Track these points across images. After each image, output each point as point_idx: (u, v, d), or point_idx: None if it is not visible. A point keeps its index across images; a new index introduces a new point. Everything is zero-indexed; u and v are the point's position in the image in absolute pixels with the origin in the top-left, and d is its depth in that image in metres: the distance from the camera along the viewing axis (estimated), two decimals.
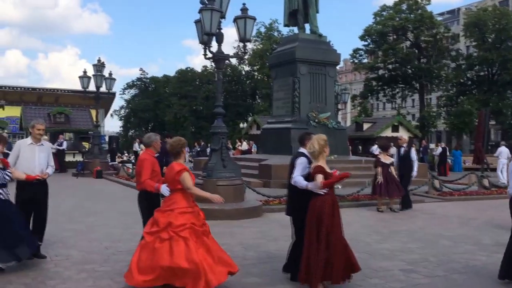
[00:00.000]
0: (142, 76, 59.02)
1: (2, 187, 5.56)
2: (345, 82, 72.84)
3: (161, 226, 4.66)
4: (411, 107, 57.70)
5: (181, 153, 4.98)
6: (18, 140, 20.67)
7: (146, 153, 5.68)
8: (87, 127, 25.28)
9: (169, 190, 5.01)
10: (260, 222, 9.08)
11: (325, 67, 17.58)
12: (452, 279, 5.48)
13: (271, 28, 48.99)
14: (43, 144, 6.19)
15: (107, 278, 5.32)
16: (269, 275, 5.52)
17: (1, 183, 5.56)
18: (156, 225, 4.72)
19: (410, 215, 10.30)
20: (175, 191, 4.84)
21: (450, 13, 69.38)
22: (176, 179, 4.77)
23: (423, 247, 7.06)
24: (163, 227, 4.65)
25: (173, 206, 4.74)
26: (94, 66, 20.59)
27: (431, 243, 7.39)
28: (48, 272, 5.53)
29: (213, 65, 12.91)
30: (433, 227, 8.85)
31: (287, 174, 5.40)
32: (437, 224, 9.13)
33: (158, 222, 4.70)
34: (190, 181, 4.80)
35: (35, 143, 6.06)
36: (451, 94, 45.20)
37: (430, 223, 9.26)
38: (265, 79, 47.05)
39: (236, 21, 10.43)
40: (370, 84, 46.76)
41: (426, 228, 8.69)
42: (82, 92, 21.45)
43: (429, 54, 43.09)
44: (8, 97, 32.77)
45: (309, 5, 17.97)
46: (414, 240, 7.60)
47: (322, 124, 16.94)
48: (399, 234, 8.18)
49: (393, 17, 42.23)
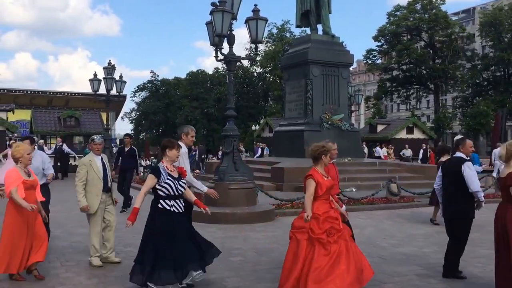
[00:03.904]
0: (153, 78, 59.30)
1: (177, 198, 4.91)
2: (359, 83, 72.40)
3: (314, 231, 4.64)
4: (425, 108, 57.04)
5: (320, 158, 4.89)
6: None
7: None
8: (97, 130, 25.29)
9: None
10: (273, 226, 8.95)
11: (338, 68, 17.38)
12: (468, 283, 5.36)
13: (283, 29, 48.86)
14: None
15: (118, 283, 5.30)
16: None
17: (177, 194, 4.92)
18: (306, 230, 4.71)
19: (426, 219, 10.05)
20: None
21: (465, 13, 68.55)
22: (304, 184, 4.79)
23: (440, 252, 6.85)
24: (318, 233, 4.61)
25: (315, 211, 4.73)
26: (105, 69, 20.67)
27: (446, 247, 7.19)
28: (59, 277, 5.49)
29: (225, 67, 12.82)
30: None
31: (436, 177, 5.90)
32: None
33: (309, 227, 4.69)
34: (311, 188, 4.75)
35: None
36: (467, 95, 44.64)
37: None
38: (277, 81, 46.92)
39: (248, 22, 10.32)
40: (384, 85, 46.41)
41: (442, 232, 8.44)
42: (92, 95, 21.56)
43: (444, 54, 42.61)
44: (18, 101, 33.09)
45: (321, 6, 17.80)
46: (430, 244, 7.45)
47: (335, 126, 16.75)
48: (415, 238, 8.02)
49: (407, 17, 41.85)
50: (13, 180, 5.25)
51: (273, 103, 50.68)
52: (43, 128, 23.67)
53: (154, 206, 4.86)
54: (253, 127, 44.86)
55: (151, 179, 4.83)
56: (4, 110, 21.98)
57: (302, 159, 15.93)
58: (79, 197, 5.91)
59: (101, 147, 6.21)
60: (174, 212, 4.81)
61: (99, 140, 6.17)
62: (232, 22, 10.08)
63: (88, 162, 6.00)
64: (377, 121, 33.45)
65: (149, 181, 4.84)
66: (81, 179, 5.92)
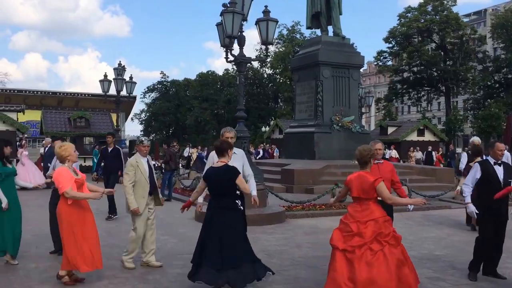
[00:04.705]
0: (163, 79, 59.52)
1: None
2: (369, 85, 72.09)
3: (368, 238, 4.46)
4: (437, 110, 56.63)
5: (369, 162, 4.85)
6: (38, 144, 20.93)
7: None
8: (107, 131, 25.39)
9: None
10: (283, 228, 8.88)
11: (349, 70, 17.28)
12: (479, 287, 5.31)
13: (294, 30, 48.85)
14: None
15: (128, 284, 5.33)
16: (292, 282, 5.42)
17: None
18: (359, 237, 4.50)
19: (437, 221, 9.94)
20: (369, 200, 4.66)
21: (476, 14, 68.00)
22: (373, 187, 4.61)
23: (451, 255, 6.85)
24: (372, 238, 4.45)
25: (373, 216, 4.58)
26: (115, 70, 20.73)
27: (458, 250, 7.14)
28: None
29: (235, 68, 12.79)
30: (461, 234, 8.54)
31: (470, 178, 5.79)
32: (465, 231, 8.80)
33: (363, 234, 4.49)
34: (387, 190, 4.73)
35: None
36: (478, 97, 44.23)
37: (458, 230, 8.94)
38: (287, 82, 46.87)
39: (258, 23, 10.28)
40: (394, 87, 46.15)
41: (453, 235, 8.42)
42: (102, 96, 21.61)
43: (455, 56, 42.26)
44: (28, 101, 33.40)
45: (332, 7, 17.71)
46: (441, 248, 7.37)
47: (346, 128, 16.63)
48: (426, 241, 7.93)
49: (418, 18, 41.58)
50: (66, 180, 5.19)
51: (283, 105, 50.64)
52: (53, 129, 23.82)
53: (238, 206, 4.95)
54: (263, 128, 44.76)
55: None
56: (14, 111, 22.11)
57: (312, 161, 15.89)
58: (129, 199, 5.83)
59: (149, 149, 6.17)
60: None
61: (147, 142, 6.20)
62: (243, 23, 10.05)
63: (135, 163, 5.94)
64: (388, 123, 33.17)
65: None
66: (130, 180, 5.86)
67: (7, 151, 6.31)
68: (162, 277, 5.65)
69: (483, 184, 5.62)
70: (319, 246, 7.50)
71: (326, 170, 14.70)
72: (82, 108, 29.82)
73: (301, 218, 9.95)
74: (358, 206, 4.69)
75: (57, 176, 5.28)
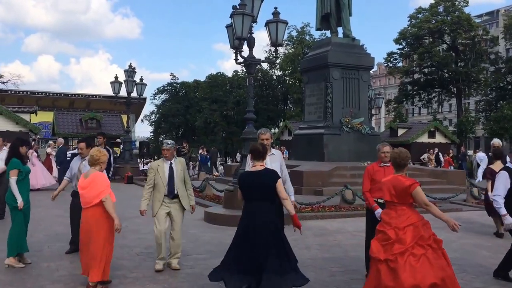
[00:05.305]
0: (173, 81, 59.79)
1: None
2: (379, 87, 71.72)
3: (409, 243, 4.29)
4: (448, 112, 56.13)
5: (406, 165, 4.66)
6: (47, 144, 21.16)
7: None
8: (118, 132, 25.68)
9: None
10: (291, 230, 8.81)
11: (359, 71, 17.21)
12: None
13: (303, 32, 48.75)
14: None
15: (138, 284, 5.36)
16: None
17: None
18: (399, 243, 4.31)
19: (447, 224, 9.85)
20: (404, 205, 4.46)
21: (488, 15, 67.32)
22: (408, 192, 4.43)
23: (461, 258, 6.78)
24: (413, 243, 4.31)
25: (411, 220, 4.41)
26: (125, 72, 20.90)
27: (469, 253, 7.08)
28: (80, 277, 5.50)
29: (244, 70, 12.80)
30: (471, 237, 8.44)
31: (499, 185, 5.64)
32: (475, 234, 8.71)
33: (403, 240, 4.31)
34: (424, 195, 4.55)
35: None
36: (490, 99, 43.75)
37: (468, 233, 8.81)
38: (296, 84, 46.80)
39: (268, 25, 10.29)
40: (405, 89, 45.83)
41: (463, 238, 8.28)
42: (113, 98, 21.76)
43: (467, 57, 41.82)
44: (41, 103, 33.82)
45: (342, 8, 17.65)
46: (451, 251, 7.21)
47: (355, 130, 16.56)
48: None
49: (429, 19, 41.23)
50: (106, 186, 5.16)
51: (292, 106, 50.58)
52: (65, 130, 24.10)
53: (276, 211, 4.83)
54: (272, 130, 44.79)
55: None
56: (27, 112, 22.43)
57: (321, 163, 15.84)
58: (141, 200, 5.98)
59: (170, 152, 5.96)
60: None
61: (166, 145, 6.00)
62: (252, 25, 10.07)
63: (156, 166, 5.98)
64: (398, 125, 33.03)
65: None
66: (148, 182, 5.99)
67: (23, 150, 6.37)
68: (171, 277, 5.69)
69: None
70: (328, 248, 7.48)
71: (335, 172, 14.66)
72: (93, 110, 30.11)
73: (310, 220, 9.94)
74: (392, 212, 4.46)
75: (101, 180, 5.17)
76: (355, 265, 6.29)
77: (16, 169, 6.09)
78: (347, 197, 11.04)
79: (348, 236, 8.32)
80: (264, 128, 6.09)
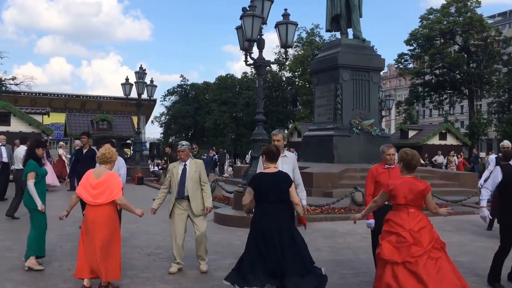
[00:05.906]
0: (183, 82, 60.06)
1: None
2: (389, 88, 71.29)
3: (427, 246, 4.24)
4: (459, 113, 55.54)
5: (416, 167, 4.59)
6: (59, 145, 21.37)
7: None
8: (128, 133, 25.89)
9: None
10: (301, 232, 8.78)
11: (369, 73, 17.13)
12: None
13: (313, 33, 48.65)
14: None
15: (148, 284, 5.41)
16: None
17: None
18: (417, 246, 4.23)
19: (459, 227, 9.77)
20: (415, 207, 4.39)
21: (501, 16, 66.55)
22: (423, 195, 4.38)
23: (473, 261, 6.72)
24: (430, 246, 4.26)
25: (424, 223, 4.35)
26: (136, 74, 21.08)
27: (481, 256, 7.00)
28: None
29: (254, 72, 12.80)
30: (484, 239, 8.37)
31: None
32: (488, 237, 8.60)
33: (420, 242, 4.23)
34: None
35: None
36: (503, 100, 43.26)
37: (481, 236, 8.76)
38: (306, 85, 46.69)
39: (278, 27, 10.31)
40: (415, 90, 45.49)
41: (476, 241, 8.26)
42: (124, 99, 21.94)
43: (479, 58, 41.37)
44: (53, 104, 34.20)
45: (352, 10, 17.58)
46: (463, 254, 7.22)
47: (366, 132, 16.48)
48: (448, 247, 7.65)
49: (440, 20, 40.89)
50: (120, 186, 5.16)
51: (302, 108, 50.45)
52: (77, 131, 24.32)
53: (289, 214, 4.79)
54: None
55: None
56: (40, 113, 22.70)
57: (331, 164, 15.79)
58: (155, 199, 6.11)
59: (184, 153, 5.90)
60: None
61: (181, 146, 5.97)
62: (262, 26, 10.09)
63: (172, 168, 6.03)
64: (409, 127, 32.82)
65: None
66: (164, 183, 6.14)
67: (39, 152, 6.30)
68: (182, 277, 5.72)
69: (505, 188, 5.47)
70: (338, 250, 7.47)
71: (345, 173, 14.60)
72: (104, 111, 30.37)
73: (320, 222, 9.93)
74: (404, 214, 4.32)
75: (117, 181, 5.13)
76: (365, 267, 6.27)
77: (33, 172, 6.03)
78: (357, 199, 11.00)
79: (358, 238, 8.28)
80: (277, 129, 6.03)
